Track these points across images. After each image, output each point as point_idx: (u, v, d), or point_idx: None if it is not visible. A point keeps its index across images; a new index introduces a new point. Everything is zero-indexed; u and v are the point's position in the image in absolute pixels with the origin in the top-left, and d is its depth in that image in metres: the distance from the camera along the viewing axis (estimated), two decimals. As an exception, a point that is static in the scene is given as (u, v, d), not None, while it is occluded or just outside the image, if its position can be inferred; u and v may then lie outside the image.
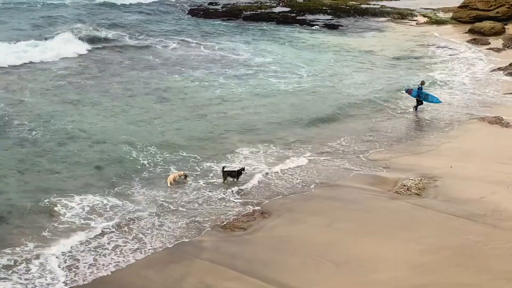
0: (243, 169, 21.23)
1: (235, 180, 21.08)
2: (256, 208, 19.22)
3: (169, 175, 20.89)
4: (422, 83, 30.97)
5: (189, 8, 61.51)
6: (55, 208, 18.48)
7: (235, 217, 18.63)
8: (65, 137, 24.55)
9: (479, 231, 17.33)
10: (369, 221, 18.41)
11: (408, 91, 31.13)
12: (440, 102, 30.79)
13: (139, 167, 21.98)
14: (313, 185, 21.00)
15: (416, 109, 30.14)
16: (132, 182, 20.76)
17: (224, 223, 18.26)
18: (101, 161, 22.29)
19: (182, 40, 46.34)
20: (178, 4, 64.06)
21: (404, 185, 20.65)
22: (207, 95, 31.69)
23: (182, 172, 20.95)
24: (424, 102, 30.31)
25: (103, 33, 46.71)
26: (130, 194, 19.94)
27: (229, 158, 23.11)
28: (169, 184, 20.40)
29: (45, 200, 18.94)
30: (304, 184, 21.10)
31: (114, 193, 19.91)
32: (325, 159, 23.34)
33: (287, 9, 63.11)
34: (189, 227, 17.97)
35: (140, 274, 15.56)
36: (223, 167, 21.29)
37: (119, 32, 47.68)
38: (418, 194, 20.15)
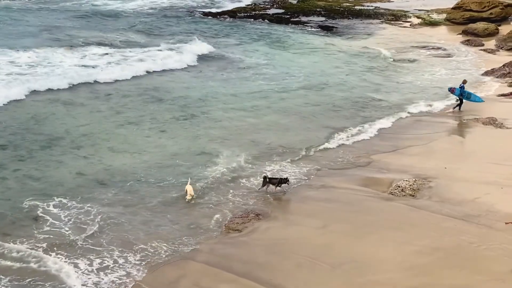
0: (287, 179, 20.74)
1: (275, 188, 20.59)
2: (251, 210, 19.22)
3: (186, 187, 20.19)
4: (464, 82, 30.85)
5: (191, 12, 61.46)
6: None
7: (230, 219, 18.63)
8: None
9: (473, 232, 17.38)
10: (364, 223, 18.45)
11: (451, 90, 31.14)
12: (482, 101, 30.79)
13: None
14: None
15: (459, 108, 30.15)
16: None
17: (219, 225, 18.26)
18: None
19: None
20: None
21: (399, 186, 20.69)
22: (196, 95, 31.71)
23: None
24: (465, 101, 30.30)
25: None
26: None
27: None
28: (190, 196, 19.62)
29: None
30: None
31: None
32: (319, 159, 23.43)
33: (281, 10, 63.15)
34: (183, 229, 17.97)
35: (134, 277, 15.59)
36: (264, 176, 20.80)
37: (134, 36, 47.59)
38: (413, 195, 20.20)
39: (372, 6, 66.40)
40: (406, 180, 21.08)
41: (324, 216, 19.00)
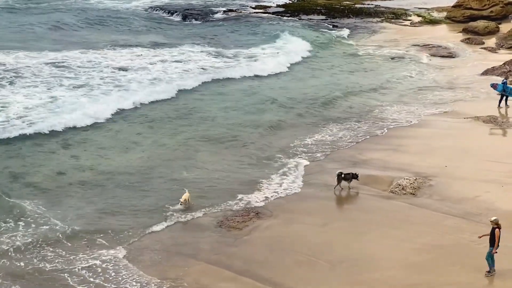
0: (357, 174, 20.87)
1: (348, 184, 20.80)
2: (252, 208, 19.23)
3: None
4: (506, 77, 30.79)
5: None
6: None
7: (231, 217, 18.64)
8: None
9: (473, 230, 17.38)
10: (364, 221, 18.48)
11: (493, 86, 31.12)
12: None
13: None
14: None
15: (506, 104, 30.20)
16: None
17: (220, 223, 18.28)
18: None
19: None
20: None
21: (399, 185, 20.70)
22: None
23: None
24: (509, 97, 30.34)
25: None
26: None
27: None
28: (182, 201, 19.31)
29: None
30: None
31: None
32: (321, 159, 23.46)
33: (282, 9, 63.08)
34: (184, 229, 18.01)
35: (135, 276, 15.61)
36: (340, 172, 20.88)
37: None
38: (413, 194, 20.21)
39: (372, 4, 66.24)
40: (406, 179, 21.09)
41: (324, 214, 19.04)
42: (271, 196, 20.14)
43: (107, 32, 48.70)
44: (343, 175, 20.71)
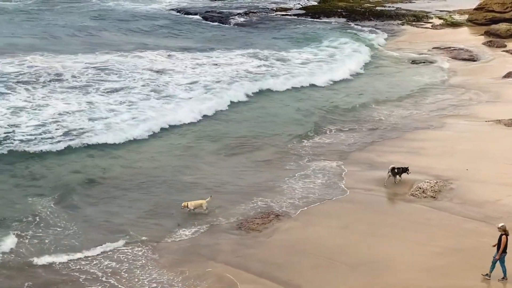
0: (407, 168, 21.32)
1: (398, 177, 21.25)
2: (272, 210, 19.25)
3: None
4: None
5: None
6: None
7: (251, 219, 18.68)
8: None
9: (493, 233, 17.13)
10: (384, 224, 18.44)
11: None
12: None
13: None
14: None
15: None
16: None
17: (240, 225, 18.34)
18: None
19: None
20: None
21: (420, 188, 20.61)
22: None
23: (204, 201, 19.57)
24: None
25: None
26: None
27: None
28: (190, 207, 19.18)
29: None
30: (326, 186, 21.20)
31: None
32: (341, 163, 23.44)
33: (302, 11, 63.06)
34: (204, 230, 18.09)
35: (156, 277, 15.72)
36: (393, 167, 21.32)
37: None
38: (434, 197, 20.12)
39: (393, 7, 65.95)
40: (427, 182, 20.99)
41: (344, 217, 19.02)
42: (291, 199, 20.14)
43: (132, 34, 48.90)
44: (395, 169, 21.09)
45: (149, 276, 15.69)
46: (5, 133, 24.70)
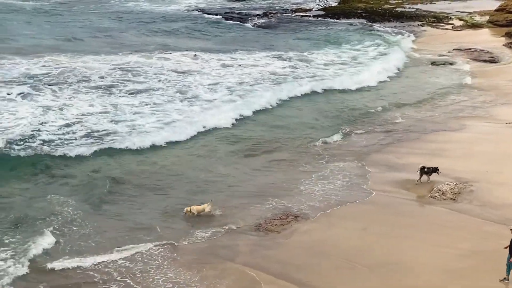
0: (437, 168, 21.37)
1: (428, 177, 21.31)
2: (290, 211, 19.24)
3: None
4: None
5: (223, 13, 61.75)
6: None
7: (269, 220, 18.69)
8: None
9: (513, 236, 17.13)
10: (403, 226, 18.38)
11: None
12: None
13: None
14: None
15: None
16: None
17: (258, 226, 18.36)
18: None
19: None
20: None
21: (439, 190, 20.52)
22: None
23: (206, 206, 19.41)
24: None
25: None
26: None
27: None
28: (192, 211, 19.10)
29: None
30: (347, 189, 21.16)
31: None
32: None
33: (322, 12, 63.00)
34: (222, 231, 18.11)
35: (173, 277, 15.77)
36: (423, 166, 21.39)
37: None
38: (454, 199, 20.01)
39: (413, 8, 65.65)
40: (447, 184, 20.90)
41: (363, 218, 18.96)
42: (310, 200, 20.11)
43: (153, 35, 49.16)
44: (425, 169, 21.15)
45: (164, 276, 15.76)
46: (30, 134, 24.81)
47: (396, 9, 64.80)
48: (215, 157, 24.13)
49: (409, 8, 65.68)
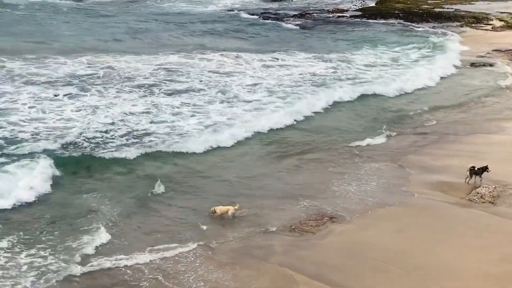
0: (487, 167, 21.14)
1: (479, 178, 21.12)
2: (326, 212, 19.18)
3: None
4: None
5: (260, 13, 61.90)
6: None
7: (304, 221, 18.63)
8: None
9: (556, 241, 16.92)
10: (440, 229, 18.15)
11: None
12: None
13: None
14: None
15: None
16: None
17: (293, 227, 18.31)
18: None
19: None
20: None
21: (478, 193, 20.25)
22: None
23: (231, 208, 19.28)
24: None
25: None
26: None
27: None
28: (216, 212, 19.07)
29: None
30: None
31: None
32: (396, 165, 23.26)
33: (359, 13, 62.79)
34: (257, 231, 18.11)
35: (208, 276, 15.84)
36: (473, 166, 21.23)
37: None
38: (492, 202, 19.69)
39: (452, 8, 64.96)
40: (485, 187, 20.60)
41: (400, 220, 18.78)
42: (345, 201, 20.00)
43: (191, 35, 49.42)
44: (475, 169, 20.91)
45: (194, 273, 15.80)
46: (76, 133, 25.07)
47: (435, 9, 64.21)
48: (251, 159, 24.13)
49: (447, 8, 65.02)
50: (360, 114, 30.42)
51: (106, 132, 25.59)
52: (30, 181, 20.30)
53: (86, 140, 24.57)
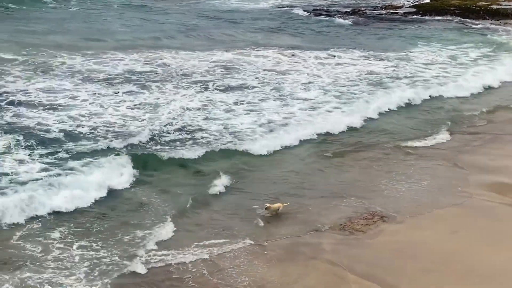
0: None
1: None
2: (376, 211, 19.03)
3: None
4: None
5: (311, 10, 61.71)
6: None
7: (354, 220, 18.50)
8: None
9: None
10: (496, 231, 17.71)
11: None
12: None
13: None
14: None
15: None
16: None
17: (343, 225, 18.19)
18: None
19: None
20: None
21: (537, 195, 19.89)
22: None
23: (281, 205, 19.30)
24: None
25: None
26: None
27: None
28: (270, 207, 19.01)
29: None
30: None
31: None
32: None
33: (413, 9, 61.96)
34: (306, 228, 18.05)
35: (256, 271, 15.90)
36: None
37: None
38: (553, 205, 19.28)
39: (510, 5, 63.46)
40: (544, 189, 20.23)
41: (453, 221, 18.41)
42: (397, 201, 19.77)
43: (243, 32, 48.93)
44: None
45: (238, 268, 15.87)
46: (136, 131, 25.25)
47: (492, 6, 62.86)
48: (302, 157, 24.04)
49: (505, 5, 63.55)
50: (415, 114, 29.93)
51: (166, 129, 25.73)
52: (101, 177, 20.71)
53: (150, 137, 24.74)
